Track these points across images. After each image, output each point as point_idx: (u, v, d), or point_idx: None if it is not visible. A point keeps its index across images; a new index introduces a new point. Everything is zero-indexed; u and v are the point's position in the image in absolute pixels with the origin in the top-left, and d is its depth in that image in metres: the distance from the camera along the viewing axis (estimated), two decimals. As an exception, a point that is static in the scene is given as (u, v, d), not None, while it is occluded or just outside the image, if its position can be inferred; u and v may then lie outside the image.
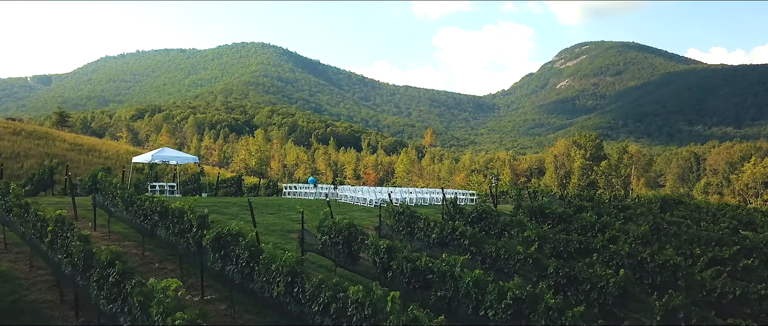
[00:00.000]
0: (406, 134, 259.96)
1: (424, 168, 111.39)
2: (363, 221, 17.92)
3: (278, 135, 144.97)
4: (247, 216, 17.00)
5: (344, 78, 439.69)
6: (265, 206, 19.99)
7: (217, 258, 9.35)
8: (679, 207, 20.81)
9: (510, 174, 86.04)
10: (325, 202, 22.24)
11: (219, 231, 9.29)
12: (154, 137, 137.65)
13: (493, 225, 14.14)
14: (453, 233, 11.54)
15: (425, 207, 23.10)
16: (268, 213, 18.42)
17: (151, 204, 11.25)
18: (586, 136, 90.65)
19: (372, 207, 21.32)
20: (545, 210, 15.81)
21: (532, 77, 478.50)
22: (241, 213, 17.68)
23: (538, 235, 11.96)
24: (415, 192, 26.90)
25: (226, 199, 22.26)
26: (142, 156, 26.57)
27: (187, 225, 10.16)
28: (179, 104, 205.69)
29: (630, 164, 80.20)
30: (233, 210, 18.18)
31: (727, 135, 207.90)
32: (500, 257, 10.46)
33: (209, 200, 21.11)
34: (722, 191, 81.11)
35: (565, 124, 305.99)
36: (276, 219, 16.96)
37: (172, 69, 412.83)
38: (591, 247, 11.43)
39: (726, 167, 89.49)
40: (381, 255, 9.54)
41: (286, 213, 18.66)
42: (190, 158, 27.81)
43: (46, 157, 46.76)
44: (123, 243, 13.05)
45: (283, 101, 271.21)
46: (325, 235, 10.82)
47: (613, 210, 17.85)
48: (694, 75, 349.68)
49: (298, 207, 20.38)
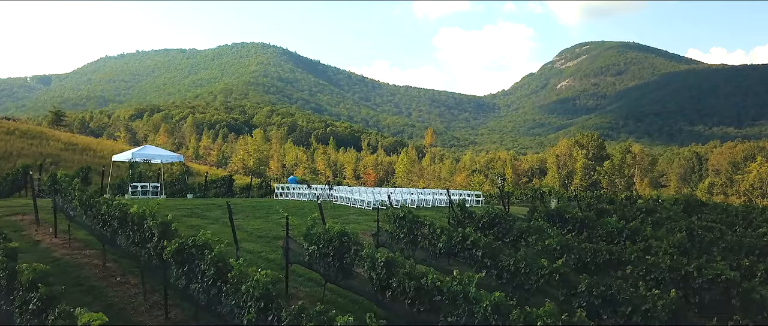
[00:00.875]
0: (407, 134, 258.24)
1: (424, 168, 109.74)
2: (359, 226, 16.29)
3: (277, 135, 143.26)
4: (235, 220, 15.50)
5: (344, 78, 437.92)
6: (253, 208, 18.45)
7: (181, 274, 7.75)
8: (704, 210, 19.16)
9: (512, 174, 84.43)
10: (316, 203, 20.54)
11: (182, 242, 7.68)
12: (152, 137, 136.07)
13: (507, 232, 12.52)
14: (463, 242, 9.89)
15: (428, 210, 21.56)
16: (255, 216, 16.88)
17: (108, 208, 9.62)
18: (589, 136, 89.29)
19: (370, 210, 19.80)
20: (565, 215, 14.22)
21: (533, 77, 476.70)
22: (225, 216, 16.07)
23: (561, 244, 10.35)
24: (417, 193, 24.92)
25: (212, 201, 20.62)
26: (122, 154, 24.71)
27: (147, 234, 8.55)
28: (178, 104, 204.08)
29: (633, 164, 78.72)
30: (216, 214, 16.57)
31: (728, 135, 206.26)
32: (520, 271, 8.83)
33: (193, 202, 19.54)
34: (727, 191, 79.63)
35: (566, 124, 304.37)
36: (263, 224, 15.44)
37: (172, 69, 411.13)
38: (623, 258, 9.81)
39: (729, 167, 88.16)
40: (378, 270, 7.92)
41: (276, 216, 17.12)
42: (174, 156, 25.96)
43: (40, 157, 45.61)
44: (84, 251, 11.44)
45: (283, 101, 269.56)
46: (312, 245, 9.19)
47: (637, 214, 16.17)
48: (695, 75, 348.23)
49: (290, 209, 18.88)
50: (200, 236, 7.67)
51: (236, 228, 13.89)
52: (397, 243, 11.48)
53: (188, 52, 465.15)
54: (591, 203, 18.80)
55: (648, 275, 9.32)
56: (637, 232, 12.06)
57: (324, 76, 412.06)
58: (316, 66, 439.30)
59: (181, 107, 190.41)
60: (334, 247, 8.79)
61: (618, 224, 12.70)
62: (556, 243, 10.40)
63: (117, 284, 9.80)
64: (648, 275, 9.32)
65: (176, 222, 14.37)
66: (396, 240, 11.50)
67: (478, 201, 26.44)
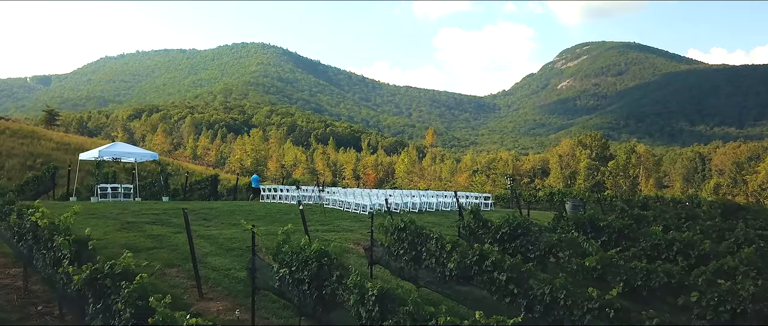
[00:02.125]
0: (407, 134, 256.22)
1: (425, 168, 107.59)
2: (353, 234, 14.01)
3: (277, 135, 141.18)
4: (206, 228, 13.22)
5: (345, 78, 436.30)
6: (231, 214, 16.24)
7: (97, 312, 5.60)
8: (743, 214, 16.95)
9: (514, 174, 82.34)
10: (306, 208, 17.96)
11: (95, 269, 5.52)
12: (150, 137, 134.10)
13: (532, 246, 10.25)
14: (481, 262, 7.62)
15: (432, 215, 19.11)
16: (231, 223, 14.51)
17: (18, 219, 7.44)
18: (592, 136, 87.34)
19: (366, 216, 17.61)
20: (599, 223, 11.70)
21: (533, 77, 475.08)
22: (196, 222, 13.94)
23: (603, 263, 8.14)
24: (419, 196, 21.87)
25: (188, 204, 18.40)
26: (89, 152, 22.12)
27: (60, 254, 6.38)
28: (177, 104, 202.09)
29: (638, 164, 76.70)
30: (190, 218, 14.32)
31: (729, 135, 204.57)
32: (558, 303, 6.65)
33: (166, 205, 17.45)
34: (733, 192, 77.65)
35: (566, 124, 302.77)
36: (238, 233, 13.17)
37: (172, 69, 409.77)
38: (686, 282, 7.61)
39: (733, 167, 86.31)
40: (369, 306, 5.75)
41: (256, 223, 14.83)
42: (147, 154, 23.59)
43: (30, 157, 43.98)
44: (9, 271, 9.27)
45: (283, 101, 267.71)
46: (283, 268, 7.01)
47: (680, 221, 13.81)
48: (696, 75, 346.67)
49: (274, 214, 16.65)
50: (122, 261, 5.50)
51: (207, 239, 11.83)
52: (395, 260, 9.26)
53: (188, 52, 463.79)
54: (622, 207, 16.25)
55: (722, 305, 7.14)
56: (690, 246, 9.79)
57: (324, 76, 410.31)
58: (316, 66, 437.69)
59: (179, 107, 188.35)
60: (310, 271, 6.59)
61: (665, 235, 10.46)
62: (596, 262, 8.20)
63: (35, 315, 7.61)
64: (722, 305, 7.14)
65: (127, 233, 11.95)
66: (394, 257, 9.36)
67: (486, 204, 23.83)
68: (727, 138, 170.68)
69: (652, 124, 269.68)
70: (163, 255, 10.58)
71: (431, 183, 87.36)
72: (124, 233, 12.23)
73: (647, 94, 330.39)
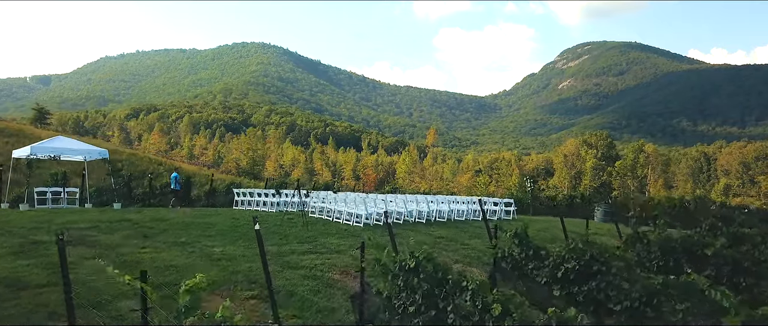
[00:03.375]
0: (408, 134, 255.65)
1: (426, 168, 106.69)
2: (340, 259, 10.41)
3: (275, 134, 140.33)
4: (139, 251, 10.04)
5: (345, 78, 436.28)
6: (185, 227, 12.76)
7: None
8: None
9: (518, 175, 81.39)
10: (286, 219, 14.72)
11: None
12: (146, 136, 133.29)
13: (617, 291, 6.91)
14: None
15: (444, 228, 15.31)
16: (177, 242, 11.00)
17: None
18: (597, 135, 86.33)
19: (361, 229, 14.03)
20: (700, 251, 8.34)
21: (534, 77, 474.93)
22: (130, 241, 10.83)
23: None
24: (427, 202, 17.36)
25: (139, 214, 15.26)
26: (21, 150, 18.74)
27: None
28: (176, 103, 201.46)
29: (646, 164, 75.69)
30: (118, 237, 11.15)
31: (732, 135, 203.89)
32: None
33: (108, 215, 14.38)
34: (744, 193, 76.57)
35: (568, 124, 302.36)
36: (183, 256, 9.74)
37: (172, 69, 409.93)
38: None
39: (740, 168, 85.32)
40: None
41: (215, 240, 11.50)
42: (95, 151, 19.75)
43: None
44: None
45: (283, 101, 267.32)
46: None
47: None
48: (697, 75, 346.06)
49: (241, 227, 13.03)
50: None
51: (133, 266, 8.56)
52: (401, 318, 6.18)
53: (188, 52, 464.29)
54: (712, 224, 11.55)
55: None
56: None
57: (324, 76, 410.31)
58: (316, 66, 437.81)
59: (178, 106, 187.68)
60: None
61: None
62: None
63: None
64: None
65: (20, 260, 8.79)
66: (399, 314, 6.19)
67: (508, 212, 20.17)
68: (730, 138, 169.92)
69: (653, 123, 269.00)
70: (47, 298, 7.00)
71: (433, 183, 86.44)
72: (14, 261, 8.65)
73: (649, 93, 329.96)
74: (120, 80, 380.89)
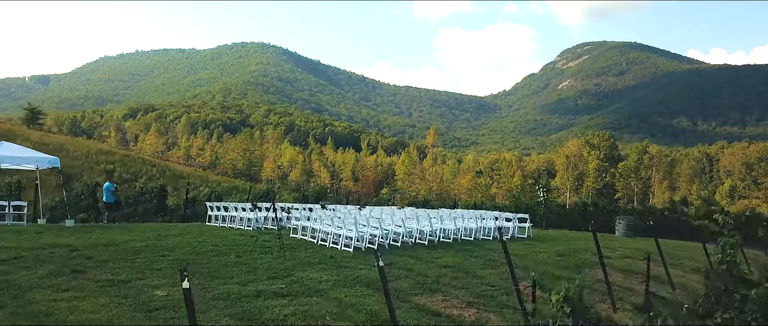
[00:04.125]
0: (407, 134, 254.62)
1: (426, 169, 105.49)
2: (321, 304, 7.86)
3: (274, 134, 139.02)
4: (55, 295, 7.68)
5: (345, 78, 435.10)
6: (135, 254, 10.67)
7: None
8: None
9: (520, 176, 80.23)
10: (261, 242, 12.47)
11: None
12: (142, 137, 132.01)
13: None
14: None
15: (450, 252, 12.92)
16: (120, 276, 8.84)
17: None
18: (600, 136, 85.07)
19: (351, 255, 11.70)
20: None
21: (534, 77, 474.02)
22: (52, 278, 8.56)
23: None
24: (429, 219, 15.24)
25: (89, 232, 13.36)
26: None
27: None
28: (174, 103, 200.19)
29: (650, 166, 74.46)
30: (52, 269, 9.10)
31: (732, 135, 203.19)
32: None
33: (49, 238, 12.41)
34: (750, 194, 75.22)
35: (568, 124, 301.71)
36: (110, 306, 7.27)
37: (171, 69, 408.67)
38: None
39: (743, 168, 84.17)
40: None
41: (164, 274, 9.13)
42: (44, 159, 17.63)
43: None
44: None
45: (282, 101, 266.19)
46: None
47: None
48: (697, 75, 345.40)
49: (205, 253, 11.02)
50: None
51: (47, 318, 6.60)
52: None
53: (188, 51, 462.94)
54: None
55: None
56: None
57: (324, 76, 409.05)
58: (316, 66, 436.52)
59: (176, 106, 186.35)
60: None
61: None
62: None
63: None
64: None
65: None
66: None
67: (523, 228, 17.57)
68: (731, 138, 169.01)
69: (654, 124, 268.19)
70: None
71: (433, 185, 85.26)
72: None
73: (649, 93, 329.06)
74: (119, 80, 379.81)
